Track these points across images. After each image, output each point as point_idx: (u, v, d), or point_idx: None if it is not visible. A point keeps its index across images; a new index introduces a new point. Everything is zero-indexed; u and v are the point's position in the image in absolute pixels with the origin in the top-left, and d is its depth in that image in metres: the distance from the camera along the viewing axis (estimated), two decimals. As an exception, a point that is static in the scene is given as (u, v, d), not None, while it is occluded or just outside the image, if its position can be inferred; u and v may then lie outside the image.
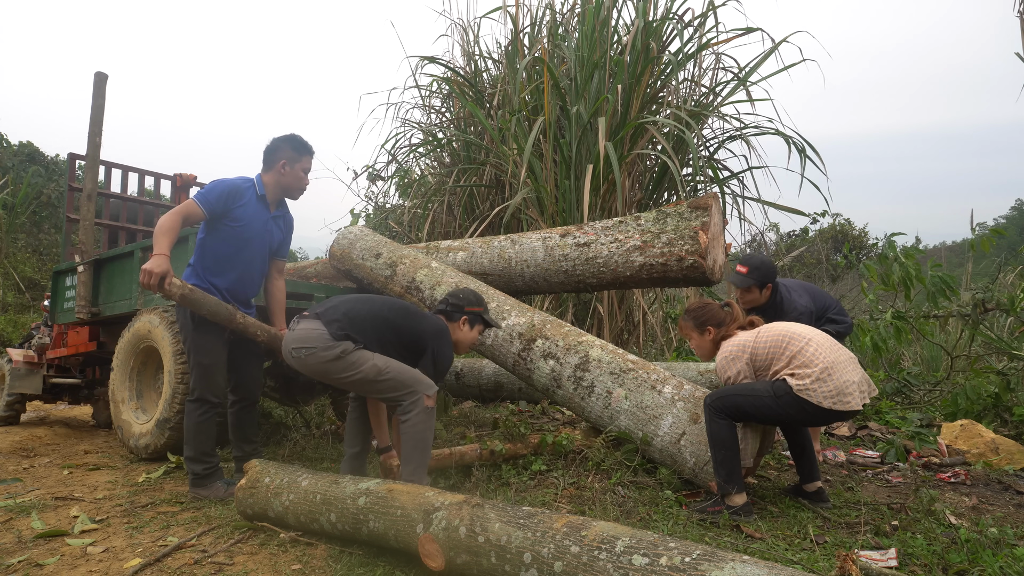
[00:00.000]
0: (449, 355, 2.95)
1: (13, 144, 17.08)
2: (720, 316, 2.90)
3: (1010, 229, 24.87)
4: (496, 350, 3.59)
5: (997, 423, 4.37)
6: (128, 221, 5.90)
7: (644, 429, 3.01)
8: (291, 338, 2.81)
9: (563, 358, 3.32)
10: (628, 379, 3.13)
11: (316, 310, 2.85)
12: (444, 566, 1.94)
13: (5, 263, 13.78)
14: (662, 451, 2.97)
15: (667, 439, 2.93)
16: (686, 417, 2.91)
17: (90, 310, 4.70)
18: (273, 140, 3.27)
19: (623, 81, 6.87)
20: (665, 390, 3.03)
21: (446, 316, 3.05)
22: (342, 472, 3.00)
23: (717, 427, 2.65)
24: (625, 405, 3.08)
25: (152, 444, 3.84)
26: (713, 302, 2.98)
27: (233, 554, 2.40)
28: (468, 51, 9.57)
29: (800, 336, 2.66)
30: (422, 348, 2.89)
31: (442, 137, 9.61)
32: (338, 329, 2.74)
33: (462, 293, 3.11)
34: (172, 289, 2.83)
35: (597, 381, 3.19)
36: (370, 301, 2.96)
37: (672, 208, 3.87)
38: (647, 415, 3.01)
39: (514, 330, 3.52)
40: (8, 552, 2.51)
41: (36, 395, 6.02)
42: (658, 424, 2.96)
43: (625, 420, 3.08)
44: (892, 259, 5.02)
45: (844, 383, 2.53)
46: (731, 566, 1.44)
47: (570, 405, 3.34)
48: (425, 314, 3.04)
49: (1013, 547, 2.29)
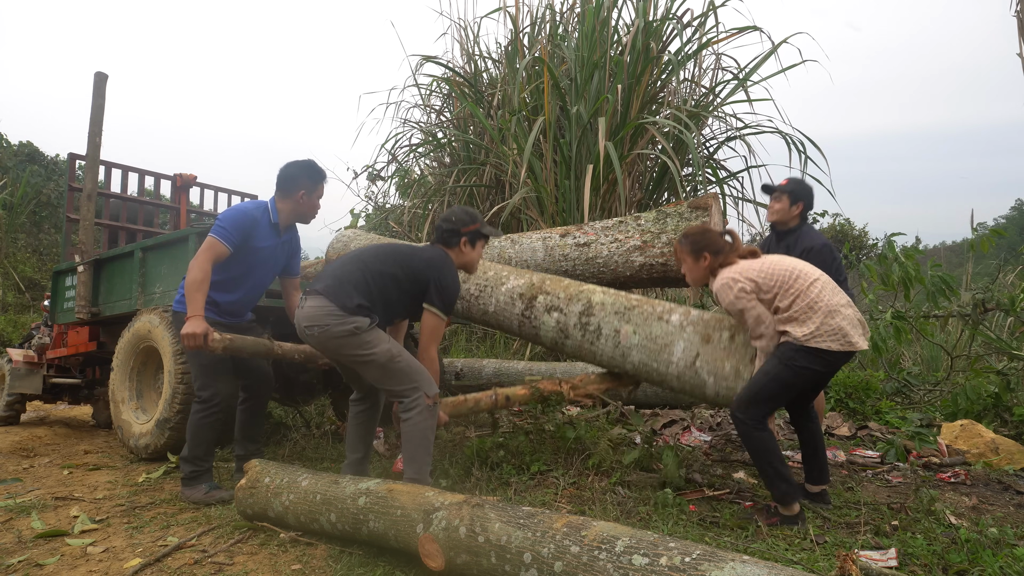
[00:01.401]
0: (453, 283, 2.84)
1: (13, 144, 17.08)
2: (719, 244, 2.77)
3: (1010, 229, 24.87)
4: (499, 315, 3.53)
5: (997, 423, 4.37)
6: (128, 221, 5.90)
7: (657, 360, 2.93)
8: (301, 316, 2.74)
9: (566, 308, 3.26)
10: (634, 315, 3.05)
11: (316, 286, 2.77)
12: (444, 566, 1.94)
13: (5, 263, 13.78)
14: (680, 377, 2.88)
15: (682, 364, 2.85)
16: (698, 339, 2.84)
17: (90, 310, 4.70)
18: (290, 168, 3.21)
19: (623, 81, 6.87)
20: (673, 318, 2.95)
21: (444, 244, 2.94)
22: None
23: (755, 440, 2.56)
24: (635, 340, 3.00)
25: (152, 444, 3.84)
26: (713, 229, 2.84)
27: (233, 554, 2.41)
28: (468, 51, 9.58)
29: (807, 274, 2.57)
30: (424, 285, 2.81)
31: (442, 137, 9.61)
32: (347, 301, 2.68)
33: (454, 215, 2.98)
34: (215, 345, 2.89)
35: (603, 323, 3.11)
36: (360, 259, 2.86)
37: (672, 208, 3.87)
38: (658, 345, 2.93)
39: (514, 292, 3.47)
40: (8, 552, 2.51)
41: (36, 395, 6.01)
42: (671, 351, 2.88)
43: (637, 355, 3.00)
44: (892, 259, 5.02)
45: (848, 319, 2.48)
46: (731, 566, 1.44)
47: (580, 354, 3.26)
48: (417, 249, 2.94)
49: (1013, 547, 2.29)
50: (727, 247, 2.77)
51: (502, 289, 3.51)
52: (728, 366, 2.71)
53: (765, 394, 2.56)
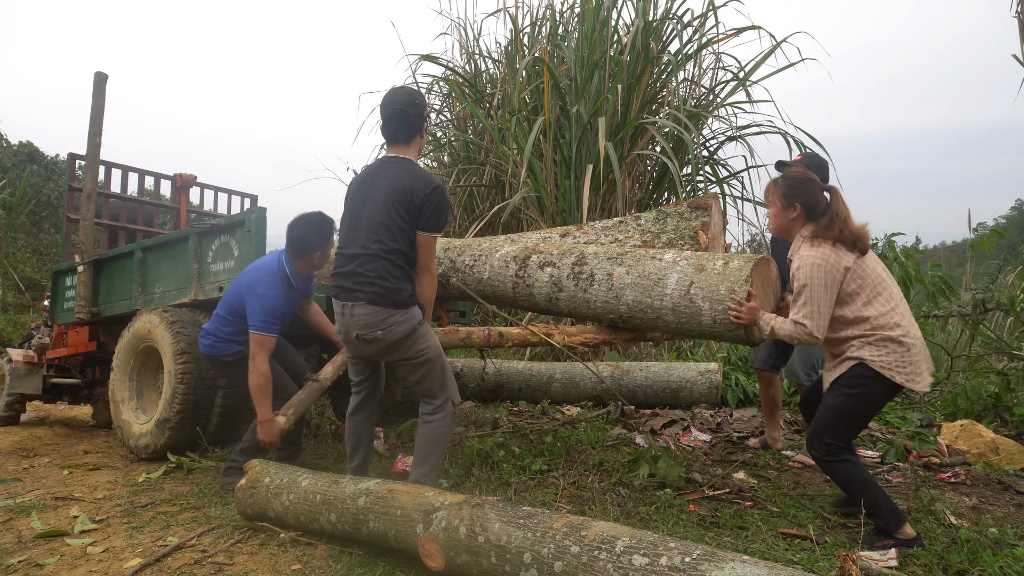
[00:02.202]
0: (443, 198, 2.68)
1: (13, 144, 17.08)
2: (818, 199, 2.45)
3: (1010, 229, 24.86)
4: (494, 281, 3.50)
5: (997, 423, 4.37)
6: (128, 221, 5.90)
7: (651, 295, 2.87)
8: (354, 324, 2.64)
9: (559, 262, 3.23)
10: (627, 258, 3.04)
11: (341, 283, 2.67)
12: (444, 566, 1.94)
13: (5, 263, 13.78)
14: (674, 310, 2.80)
15: (676, 294, 2.78)
16: (691, 269, 2.77)
17: (90, 310, 4.70)
18: (301, 230, 3.21)
19: (623, 81, 6.87)
20: (665, 257, 2.91)
21: (406, 140, 2.75)
22: None
23: (842, 471, 2.41)
24: (628, 279, 2.97)
25: (152, 444, 3.84)
26: (816, 180, 2.51)
27: (233, 554, 2.41)
28: (468, 51, 9.58)
29: (894, 294, 2.35)
30: (420, 212, 2.66)
31: (442, 137, 9.61)
32: (389, 294, 2.60)
33: (416, 98, 2.76)
34: (287, 428, 3.09)
35: (596, 268, 3.08)
36: (369, 235, 2.66)
37: (672, 208, 3.87)
38: (651, 280, 2.88)
39: (508, 255, 3.45)
40: (8, 552, 2.51)
41: (36, 395, 6.02)
42: (664, 284, 2.81)
43: (631, 294, 2.95)
44: (892, 259, 5.02)
45: (921, 354, 2.33)
46: (731, 566, 1.44)
47: (575, 307, 3.21)
48: (398, 186, 2.65)
49: (1013, 547, 2.29)
50: (826, 206, 2.46)
51: (496, 255, 3.50)
52: (723, 288, 2.59)
53: (842, 429, 2.42)
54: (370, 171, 2.80)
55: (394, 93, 2.76)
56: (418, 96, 2.81)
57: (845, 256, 2.35)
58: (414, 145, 2.79)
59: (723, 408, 5.25)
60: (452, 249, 3.68)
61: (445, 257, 3.63)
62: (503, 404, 5.44)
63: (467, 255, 3.55)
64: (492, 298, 3.59)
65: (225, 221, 3.91)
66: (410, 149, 2.78)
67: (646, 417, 4.80)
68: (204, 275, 3.98)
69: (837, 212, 2.43)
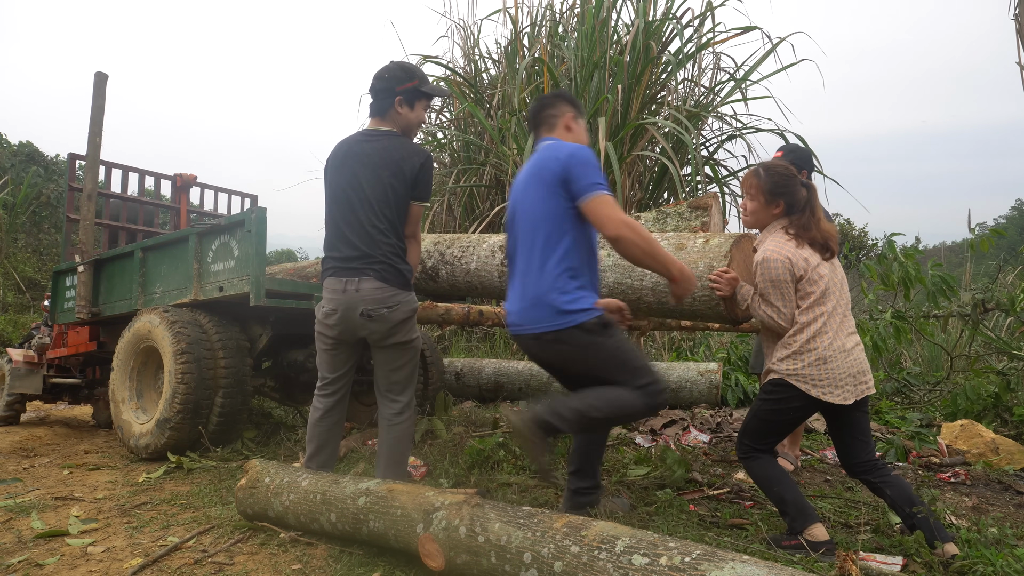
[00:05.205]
0: (429, 164, 2.68)
1: (13, 144, 17.07)
2: (799, 196, 2.41)
3: (1010, 229, 24.86)
4: (480, 271, 3.53)
5: (997, 423, 4.37)
6: (128, 221, 5.90)
7: (631, 275, 2.87)
8: (360, 300, 2.56)
9: None
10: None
11: (343, 265, 2.61)
12: (444, 566, 1.94)
13: (5, 263, 13.77)
14: (654, 289, 2.80)
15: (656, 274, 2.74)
16: (671, 248, 2.76)
17: (90, 310, 4.70)
18: (549, 98, 2.73)
19: (623, 81, 6.87)
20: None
21: (381, 114, 2.71)
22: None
23: (754, 467, 2.43)
24: (609, 261, 2.97)
25: (152, 444, 3.84)
26: (799, 177, 2.46)
27: (233, 554, 2.41)
28: (468, 51, 9.58)
29: (838, 306, 2.32)
30: (415, 184, 2.66)
31: (442, 137, 9.61)
32: (398, 273, 2.59)
33: (387, 72, 2.69)
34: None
35: None
36: (350, 224, 2.63)
37: (672, 208, 3.87)
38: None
39: (495, 245, 3.49)
40: (8, 552, 2.51)
41: (36, 395, 6.01)
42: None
43: (612, 275, 2.96)
44: (892, 259, 5.02)
45: (842, 368, 2.28)
46: (731, 566, 1.44)
47: None
48: (382, 165, 2.62)
49: (1013, 547, 2.29)
50: (805, 206, 2.41)
51: (483, 246, 3.54)
52: (702, 264, 2.60)
53: (763, 429, 2.43)
54: (351, 145, 2.73)
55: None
56: (389, 69, 2.71)
57: (812, 256, 2.34)
58: (389, 118, 2.71)
59: (723, 408, 5.25)
60: (442, 242, 3.70)
61: (435, 250, 3.65)
62: (503, 404, 5.44)
63: (456, 247, 3.60)
64: (480, 288, 3.62)
65: (225, 221, 3.91)
66: (386, 122, 2.71)
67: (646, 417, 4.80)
68: (204, 275, 3.98)
69: (813, 211, 2.41)
